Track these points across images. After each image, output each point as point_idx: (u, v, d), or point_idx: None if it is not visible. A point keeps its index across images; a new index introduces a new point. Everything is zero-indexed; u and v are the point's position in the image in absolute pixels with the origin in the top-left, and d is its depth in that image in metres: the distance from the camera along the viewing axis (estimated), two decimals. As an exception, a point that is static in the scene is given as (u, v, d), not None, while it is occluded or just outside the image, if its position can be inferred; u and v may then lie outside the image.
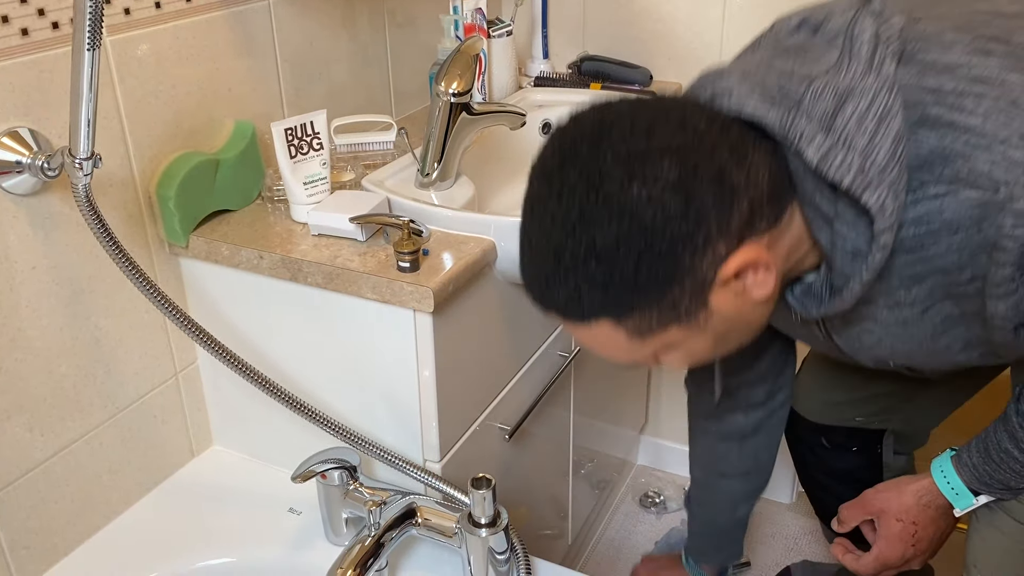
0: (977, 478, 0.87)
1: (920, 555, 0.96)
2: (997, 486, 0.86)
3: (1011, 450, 0.82)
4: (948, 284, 0.69)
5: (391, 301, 0.96)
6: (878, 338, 0.79)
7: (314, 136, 1.05)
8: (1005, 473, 0.84)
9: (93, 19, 0.71)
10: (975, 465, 0.87)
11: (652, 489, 1.97)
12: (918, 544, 0.94)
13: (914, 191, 0.66)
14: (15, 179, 0.86)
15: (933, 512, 0.92)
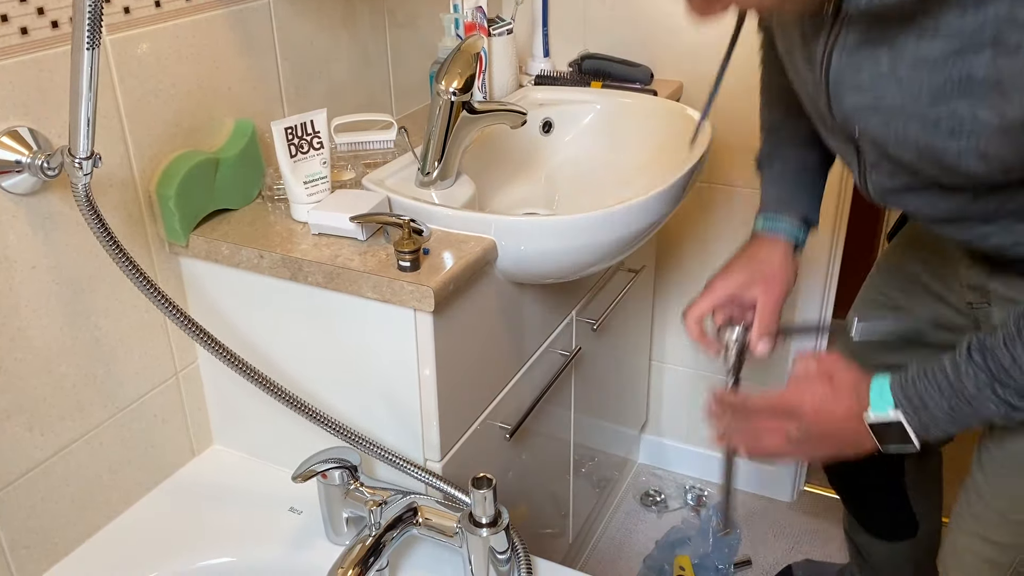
0: (903, 385, 0.81)
1: (805, 425, 0.86)
2: (915, 399, 0.80)
3: (946, 365, 0.79)
4: (1008, 20, 0.62)
5: (391, 300, 0.95)
6: (876, 78, 0.72)
7: (314, 135, 1.05)
8: (928, 386, 0.79)
9: (92, 18, 0.71)
10: (908, 375, 0.81)
11: (653, 488, 1.97)
12: (819, 412, 0.85)
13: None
14: (15, 179, 0.86)
15: (855, 395, 0.84)
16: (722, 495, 1.00)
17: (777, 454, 0.91)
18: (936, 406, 0.79)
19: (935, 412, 0.79)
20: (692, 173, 1.19)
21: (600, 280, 1.47)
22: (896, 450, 0.82)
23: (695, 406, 1.97)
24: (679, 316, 1.88)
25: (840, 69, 0.76)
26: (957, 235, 0.87)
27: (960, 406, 0.78)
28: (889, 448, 0.83)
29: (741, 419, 0.94)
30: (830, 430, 0.86)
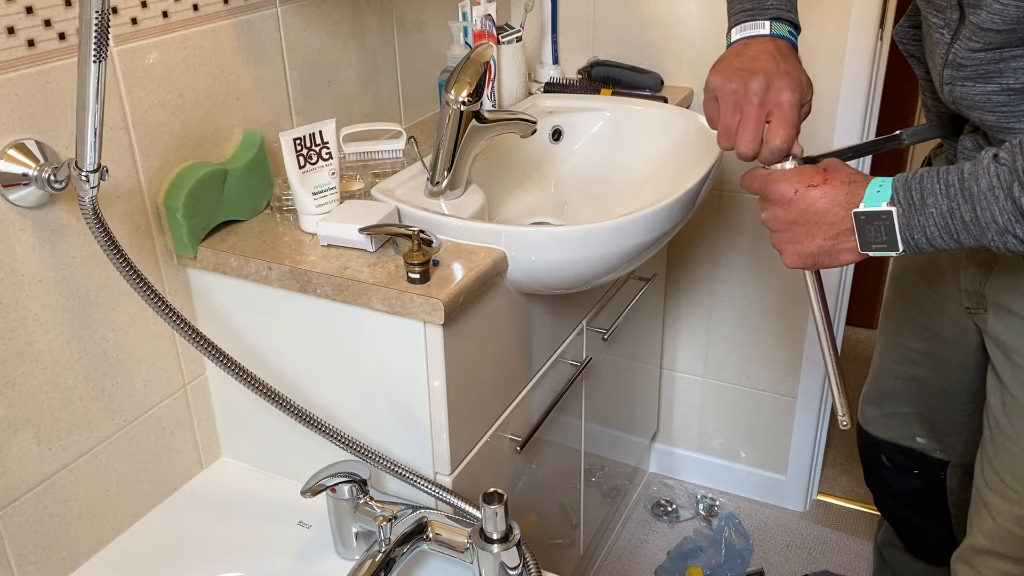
0: (906, 179, 0.75)
1: (789, 202, 0.81)
2: (915, 194, 0.74)
3: (964, 165, 0.73)
4: None
5: (401, 313, 0.94)
6: None
7: (323, 145, 1.04)
8: (935, 183, 0.73)
9: (99, 31, 0.71)
10: (917, 171, 0.76)
11: (664, 498, 1.96)
12: (805, 195, 0.79)
13: None
14: (22, 192, 0.86)
15: (848, 188, 0.78)
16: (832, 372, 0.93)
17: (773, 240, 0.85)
18: (934, 203, 0.73)
19: (930, 210, 0.73)
20: (704, 182, 1.18)
21: (610, 289, 1.46)
22: (876, 252, 0.77)
23: (707, 414, 1.96)
24: (689, 322, 1.87)
25: None
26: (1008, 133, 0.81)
27: (959, 208, 0.72)
28: (870, 248, 0.77)
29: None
30: (813, 212, 0.79)
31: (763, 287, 1.77)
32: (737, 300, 1.81)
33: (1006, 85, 0.79)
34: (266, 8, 1.12)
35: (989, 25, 0.76)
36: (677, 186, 1.13)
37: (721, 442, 1.97)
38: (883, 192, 0.76)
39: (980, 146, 0.87)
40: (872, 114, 1.59)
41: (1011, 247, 0.72)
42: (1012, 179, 0.69)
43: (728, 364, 1.88)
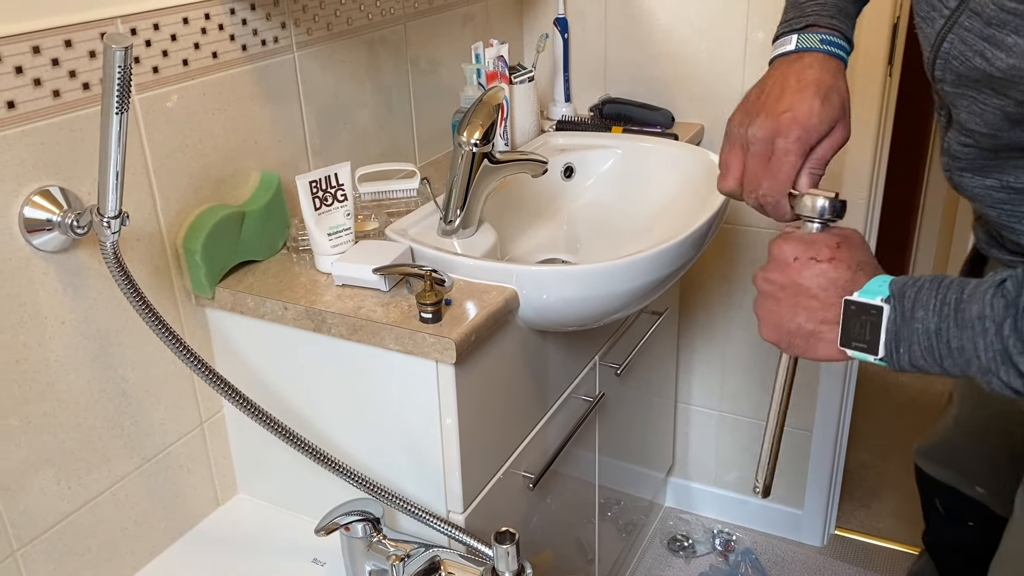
0: (904, 283, 0.67)
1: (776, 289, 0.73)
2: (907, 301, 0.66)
3: (967, 283, 0.65)
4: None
5: (414, 352, 0.96)
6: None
7: (338, 187, 1.06)
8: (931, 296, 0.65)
9: (121, 84, 0.73)
10: (918, 279, 0.67)
11: (680, 532, 1.95)
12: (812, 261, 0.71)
13: None
14: (45, 237, 0.88)
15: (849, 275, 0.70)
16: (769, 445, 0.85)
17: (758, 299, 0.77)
18: (923, 318, 0.65)
19: (917, 325, 0.65)
20: (715, 219, 1.19)
21: (623, 324, 1.46)
22: (855, 351, 0.69)
23: (722, 448, 1.95)
24: (704, 355, 1.87)
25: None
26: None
27: (947, 331, 0.64)
28: (850, 345, 0.69)
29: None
30: (805, 289, 0.71)
31: (777, 320, 1.77)
32: (751, 333, 1.81)
33: (1006, 183, 0.74)
34: (283, 54, 1.15)
35: (972, 126, 0.72)
36: (688, 223, 1.14)
37: (737, 476, 1.96)
38: (881, 287, 0.68)
39: (992, 238, 0.81)
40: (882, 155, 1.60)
41: (996, 388, 0.63)
42: (1007, 314, 0.60)
43: (743, 397, 1.87)
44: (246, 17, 1.08)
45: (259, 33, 1.11)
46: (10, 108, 0.84)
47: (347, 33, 1.26)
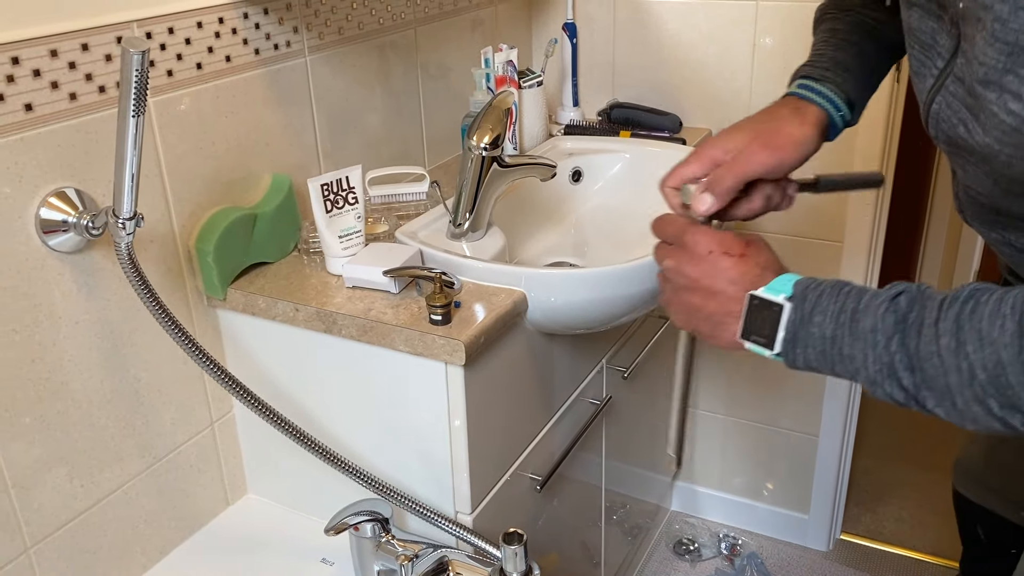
0: (807, 285, 0.68)
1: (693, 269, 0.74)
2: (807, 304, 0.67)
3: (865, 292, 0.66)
4: None
5: (423, 354, 0.97)
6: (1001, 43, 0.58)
7: (349, 190, 1.07)
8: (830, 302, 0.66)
9: (138, 88, 0.74)
10: (821, 282, 0.68)
11: (686, 536, 1.95)
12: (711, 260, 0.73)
13: None
14: (61, 238, 0.89)
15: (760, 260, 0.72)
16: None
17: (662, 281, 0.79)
18: (820, 323, 0.66)
19: (813, 329, 0.66)
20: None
21: (630, 327, 1.47)
22: (753, 344, 0.70)
23: (728, 453, 1.95)
24: (711, 359, 1.87)
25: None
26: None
27: (840, 338, 0.65)
28: (748, 338, 0.70)
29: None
30: (717, 281, 0.72)
31: (783, 325, 1.77)
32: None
33: (1008, 240, 0.74)
34: (295, 58, 1.16)
35: (969, 183, 0.72)
36: (695, 228, 1.14)
37: (743, 480, 1.96)
38: (786, 285, 0.69)
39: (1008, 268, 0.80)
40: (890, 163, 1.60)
41: (880, 397, 0.65)
42: (895, 330, 0.62)
43: (750, 402, 1.88)
44: (259, 21, 1.09)
45: (272, 37, 1.12)
46: (28, 111, 0.85)
47: (358, 38, 1.27)
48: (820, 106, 0.83)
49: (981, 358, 0.58)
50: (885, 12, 0.86)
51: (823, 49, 0.87)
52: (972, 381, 0.58)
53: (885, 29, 0.87)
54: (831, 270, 1.69)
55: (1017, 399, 0.57)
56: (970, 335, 0.58)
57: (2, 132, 0.83)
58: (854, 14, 0.88)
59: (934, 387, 0.61)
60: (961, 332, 0.59)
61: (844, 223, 1.64)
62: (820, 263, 1.69)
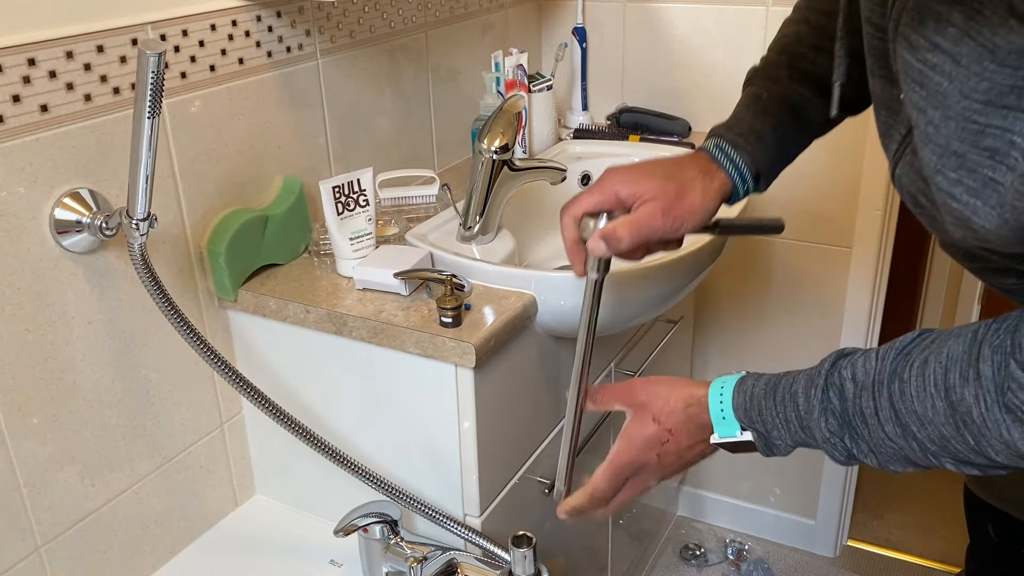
0: (747, 408, 0.74)
1: (657, 471, 0.81)
2: (759, 426, 0.73)
3: (799, 394, 0.71)
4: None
5: (433, 356, 0.97)
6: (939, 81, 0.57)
7: (360, 193, 1.07)
8: (775, 417, 0.72)
9: (154, 90, 0.75)
10: (754, 395, 0.74)
11: (693, 541, 1.95)
12: (663, 456, 0.80)
13: None
14: (75, 238, 0.90)
15: (694, 427, 0.77)
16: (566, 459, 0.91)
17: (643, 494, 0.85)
18: (779, 436, 0.72)
19: (777, 442, 0.73)
20: (731, 228, 1.20)
21: (639, 331, 1.47)
22: (746, 453, 0.77)
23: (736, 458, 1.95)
24: (718, 365, 1.87)
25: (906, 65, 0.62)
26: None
27: (804, 441, 0.71)
28: (740, 453, 0.78)
29: (599, 502, 0.86)
30: (681, 462, 0.80)
31: (792, 331, 1.77)
32: (766, 343, 1.81)
33: (992, 283, 0.76)
34: (307, 61, 1.17)
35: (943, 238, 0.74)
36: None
37: (750, 486, 1.96)
38: (730, 422, 0.75)
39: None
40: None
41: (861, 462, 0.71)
42: (843, 431, 0.68)
43: (757, 407, 1.87)
44: (272, 24, 1.10)
45: (284, 40, 1.12)
46: (43, 112, 0.85)
47: (369, 41, 1.28)
48: (728, 175, 0.84)
49: (927, 435, 0.64)
50: (811, 90, 0.87)
51: (743, 114, 0.87)
52: (925, 452, 0.65)
53: (809, 107, 0.87)
54: (840, 275, 1.69)
55: (967, 458, 0.64)
56: (910, 418, 0.64)
57: (18, 133, 0.84)
58: (780, 86, 0.88)
59: (896, 459, 0.68)
60: (900, 416, 0.65)
61: (853, 229, 1.64)
62: (829, 269, 1.69)
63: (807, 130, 0.89)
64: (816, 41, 0.87)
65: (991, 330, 0.62)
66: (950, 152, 0.57)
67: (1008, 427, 0.60)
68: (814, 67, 0.86)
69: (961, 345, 0.63)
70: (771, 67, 0.90)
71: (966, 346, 0.63)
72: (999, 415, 0.60)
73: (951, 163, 0.57)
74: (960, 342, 0.63)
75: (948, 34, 0.55)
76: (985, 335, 0.62)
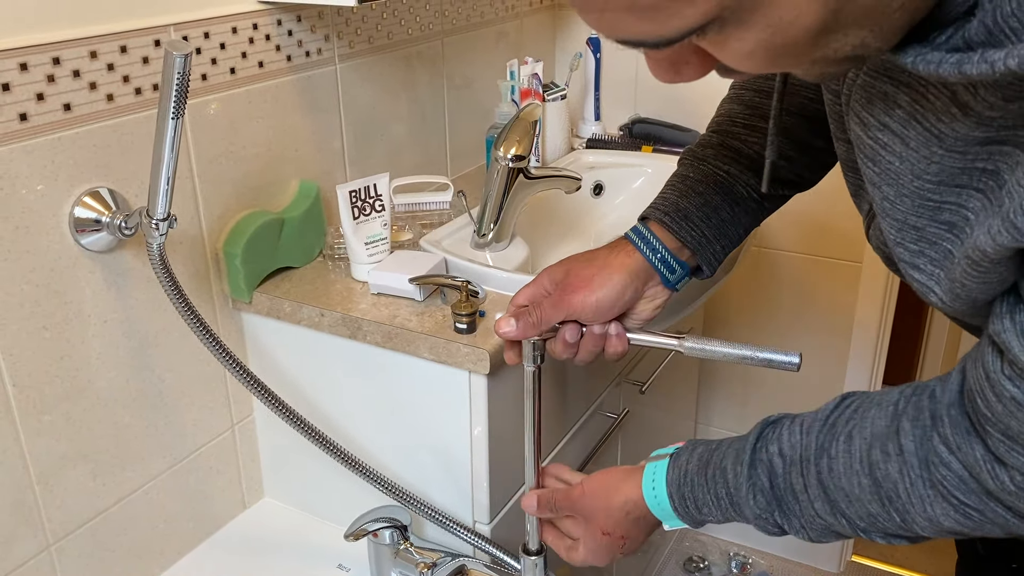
0: (680, 485, 0.74)
1: (630, 552, 0.84)
2: (692, 510, 0.74)
3: (728, 471, 0.71)
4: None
5: (447, 362, 0.97)
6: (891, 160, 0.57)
7: (376, 198, 1.08)
8: (706, 494, 0.73)
9: (179, 91, 0.75)
10: (687, 472, 0.74)
11: (696, 554, 1.94)
12: (628, 548, 0.82)
13: None
14: (93, 236, 0.90)
15: (644, 524, 0.79)
16: None
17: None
18: (709, 513, 0.74)
19: (708, 519, 0.75)
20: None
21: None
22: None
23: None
24: (727, 378, 1.87)
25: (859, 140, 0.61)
26: None
27: (735, 517, 0.73)
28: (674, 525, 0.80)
29: None
30: (646, 542, 0.83)
31: (799, 343, 1.77)
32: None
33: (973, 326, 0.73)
34: (326, 65, 1.17)
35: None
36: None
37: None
38: (671, 517, 0.76)
39: None
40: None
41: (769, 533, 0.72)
42: (772, 507, 0.69)
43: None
44: (292, 28, 1.10)
45: (303, 44, 1.13)
46: (67, 110, 0.86)
47: (387, 47, 1.28)
48: (639, 250, 0.82)
49: (855, 512, 0.65)
50: (739, 167, 0.85)
51: (668, 194, 0.86)
52: (855, 527, 0.66)
53: (737, 185, 0.86)
54: (849, 290, 1.69)
55: (894, 532, 0.65)
56: (838, 495, 0.65)
57: (41, 131, 0.84)
58: (707, 165, 0.86)
59: (829, 533, 0.69)
60: (829, 493, 0.66)
61: (864, 243, 1.64)
62: (839, 283, 1.69)
63: (743, 208, 0.86)
64: (748, 120, 0.87)
65: (911, 402, 0.63)
66: (908, 226, 0.57)
67: (932, 503, 0.61)
68: (745, 145, 0.85)
69: (883, 419, 0.64)
70: (701, 147, 0.89)
71: (888, 420, 0.64)
72: (923, 491, 0.61)
73: (910, 235, 0.58)
74: (882, 414, 0.64)
75: (896, 116, 0.55)
76: (905, 408, 0.63)
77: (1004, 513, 0.59)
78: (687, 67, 0.50)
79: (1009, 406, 0.54)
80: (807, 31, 0.44)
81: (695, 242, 0.83)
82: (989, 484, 0.57)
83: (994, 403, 0.55)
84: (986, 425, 0.57)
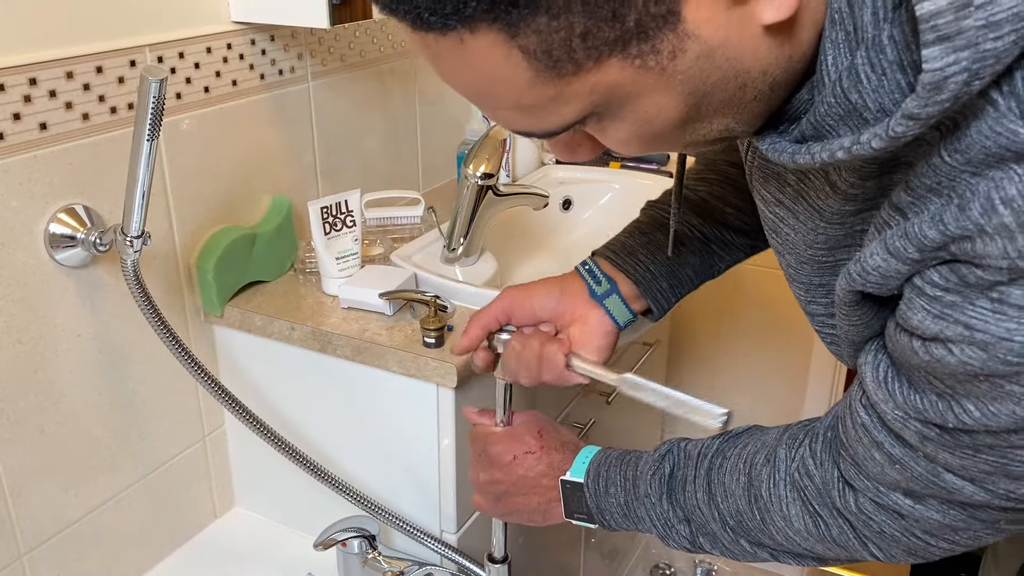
0: (598, 466, 0.78)
1: (500, 470, 0.83)
2: (601, 481, 0.77)
3: (640, 457, 0.76)
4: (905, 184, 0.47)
5: (416, 375, 1.00)
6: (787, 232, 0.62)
7: (348, 214, 1.10)
8: (616, 474, 0.77)
9: (155, 114, 0.77)
10: (609, 455, 0.79)
11: (663, 560, 1.98)
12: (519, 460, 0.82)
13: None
14: (68, 252, 0.92)
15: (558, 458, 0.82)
16: None
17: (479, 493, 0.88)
18: (615, 493, 0.76)
19: (611, 500, 0.77)
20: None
21: (614, 354, 1.50)
22: (578, 521, 0.81)
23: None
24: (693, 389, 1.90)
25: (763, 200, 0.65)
26: None
27: (630, 503, 0.75)
28: (573, 516, 0.82)
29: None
30: (530, 479, 0.83)
31: (766, 354, 1.81)
32: (740, 368, 1.85)
33: None
34: (299, 83, 1.20)
35: None
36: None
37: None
38: (585, 465, 0.79)
39: None
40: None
41: (674, 548, 0.75)
42: (662, 490, 0.73)
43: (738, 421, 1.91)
44: (265, 48, 1.13)
45: (276, 63, 1.15)
46: (43, 129, 0.88)
47: (360, 65, 1.31)
48: (580, 276, 0.86)
49: (728, 507, 0.70)
50: (684, 210, 0.87)
51: (618, 235, 0.89)
52: (725, 526, 0.70)
53: (681, 226, 0.87)
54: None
55: (757, 539, 0.69)
56: (718, 488, 0.70)
57: (17, 150, 0.86)
58: (654, 209, 0.90)
59: (704, 533, 0.72)
60: (712, 486, 0.71)
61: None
62: (800, 296, 1.74)
63: (688, 248, 0.88)
64: (700, 173, 0.90)
65: (800, 425, 0.70)
66: (815, 286, 0.62)
67: (788, 503, 0.66)
68: (692, 192, 0.88)
69: (775, 433, 0.70)
70: (658, 199, 0.92)
71: (778, 433, 0.70)
72: (783, 491, 0.67)
73: (819, 292, 0.63)
74: (777, 431, 0.71)
75: (787, 193, 0.60)
76: (794, 427, 0.70)
77: (848, 531, 0.65)
78: (580, 148, 0.55)
79: (859, 432, 0.59)
80: (672, 122, 0.49)
81: (643, 277, 0.85)
82: (838, 502, 0.64)
83: (849, 428, 0.60)
84: (841, 450, 0.63)
